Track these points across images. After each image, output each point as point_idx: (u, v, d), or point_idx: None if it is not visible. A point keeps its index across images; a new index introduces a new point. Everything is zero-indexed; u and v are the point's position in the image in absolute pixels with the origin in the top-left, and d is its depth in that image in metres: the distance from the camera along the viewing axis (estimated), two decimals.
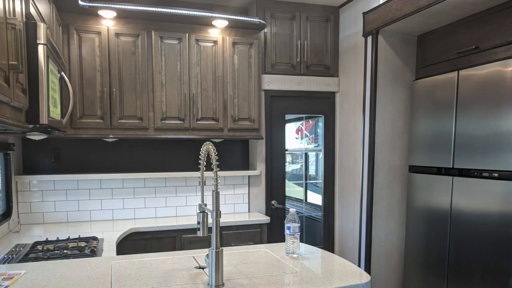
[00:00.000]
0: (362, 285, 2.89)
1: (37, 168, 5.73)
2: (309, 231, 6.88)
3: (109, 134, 5.40)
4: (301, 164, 6.96)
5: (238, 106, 5.91)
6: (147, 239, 5.37)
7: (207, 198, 6.01)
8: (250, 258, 3.51)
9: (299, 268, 3.21)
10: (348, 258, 6.22)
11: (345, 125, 6.42)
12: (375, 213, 5.74)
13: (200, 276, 3.02)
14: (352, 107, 6.22)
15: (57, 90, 3.74)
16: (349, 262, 3.42)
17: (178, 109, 5.65)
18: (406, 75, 5.76)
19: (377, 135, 5.68)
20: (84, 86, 5.27)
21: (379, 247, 5.80)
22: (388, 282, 5.89)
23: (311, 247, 3.92)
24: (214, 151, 2.76)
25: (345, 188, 6.45)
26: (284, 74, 6.35)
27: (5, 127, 2.81)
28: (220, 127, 5.83)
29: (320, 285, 2.82)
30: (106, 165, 5.99)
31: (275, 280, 2.92)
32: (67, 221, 5.74)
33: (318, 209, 6.84)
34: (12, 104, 2.67)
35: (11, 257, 3.77)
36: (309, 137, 6.91)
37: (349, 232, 6.32)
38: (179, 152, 6.30)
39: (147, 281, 2.90)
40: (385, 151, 5.74)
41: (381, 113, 5.68)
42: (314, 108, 6.67)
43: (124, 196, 5.97)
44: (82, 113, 5.27)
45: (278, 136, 6.51)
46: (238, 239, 5.74)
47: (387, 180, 5.79)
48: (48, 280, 2.95)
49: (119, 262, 3.42)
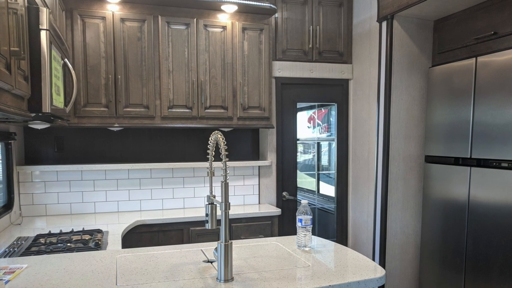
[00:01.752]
0: (377, 279, 2.88)
1: (39, 158, 5.74)
2: (321, 223, 6.87)
3: (114, 123, 5.39)
4: (313, 154, 6.94)
5: (248, 94, 5.89)
6: (154, 231, 5.38)
7: (216, 189, 6.02)
8: (260, 252, 3.51)
9: (311, 262, 3.20)
10: (362, 252, 6.22)
11: (359, 114, 6.41)
12: (390, 204, 5.72)
13: (208, 270, 3.01)
14: (366, 95, 6.20)
15: (60, 78, 3.74)
16: (363, 255, 3.41)
17: (185, 97, 5.64)
18: (422, 61, 5.73)
19: (392, 123, 5.66)
20: (88, 73, 5.27)
21: (394, 240, 5.78)
22: (403, 276, 5.88)
23: (324, 240, 3.90)
24: (223, 140, 2.74)
25: (358, 179, 6.44)
26: (296, 60, 6.33)
27: (6, 115, 2.80)
28: (229, 115, 5.82)
29: (333, 279, 2.81)
30: (111, 155, 5.99)
31: (286, 274, 2.91)
32: (70, 213, 5.75)
33: (331, 200, 6.83)
34: (14, 92, 2.67)
35: (13, 251, 3.77)
36: (322, 126, 6.89)
37: (363, 224, 6.31)
38: (186, 142, 6.29)
39: (153, 275, 2.90)
40: (400, 141, 5.72)
41: (396, 101, 5.65)
42: (326, 96, 6.64)
43: (129, 187, 5.97)
44: (86, 101, 5.27)
45: (289, 125, 6.50)
46: (248, 232, 5.74)
47: (403, 171, 5.77)
48: (51, 275, 2.95)
49: (125, 255, 3.42)
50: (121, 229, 4.76)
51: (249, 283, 2.72)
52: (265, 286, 2.67)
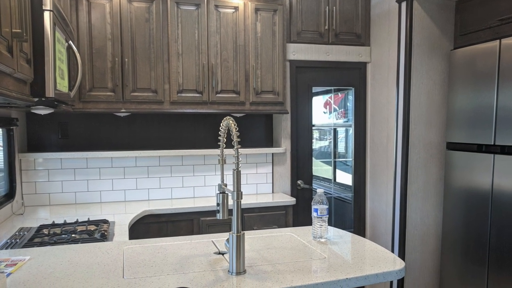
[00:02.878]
0: (396, 272, 2.88)
1: (42, 145, 5.74)
2: (338, 213, 6.86)
3: (121, 108, 5.39)
4: (330, 141, 6.92)
5: (261, 77, 5.87)
6: (162, 222, 5.38)
7: (228, 177, 6.01)
8: (274, 243, 3.51)
9: (327, 254, 3.20)
10: (380, 243, 6.20)
11: (377, 98, 6.38)
12: (410, 193, 5.70)
13: (219, 262, 3.01)
14: (385, 78, 6.16)
15: (65, 61, 3.73)
16: (381, 247, 3.40)
17: (195, 81, 5.62)
18: (444, 44, 5.70)
19: (412, 109, 5.63)
20: (94, 56, 5.26)
21: (414, 230, 5.77)
22: (423, 268, 5.87)
23: (340, 231, 3.90)
24: (235, 126, 2.73)
25: (377, 167, 6.42)
26: (311, 43, 6.29)
27: (8, 100, 2.80)
28: (242, 100, 5.81)
29: (350, 272, 2.80)
30: (118, 142, 6.00)
31: (301, 266, 2.91)
32: (75, 202, 5.77)
33: (347, 189, 6.82)
34: (16, 76, 2.66)
35: (15, 242, 3.78)
36: (338, 112, 6.87)
37: (381, 214, 6.29)
38: (197, 128, 6.29)
39: (162, 267, 2.90)
40: (421, 127, 5.69)
41: (416, 85, 5.62)
42: (343, 80, 6.61)
43: (137, 176, 5.98)
44: (92, 86, 5.27)
45: (304, 110, 6.48)
46: (261, 222, 5.74)
47: (423, 158, 5.74)
48: (55, 267, 2.96)
49: (132, 247, 3.43)
50: (128, 219, 4.77)
51: (262, 276, 2.72)
52: (279, 279, 2.67)
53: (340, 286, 2.69)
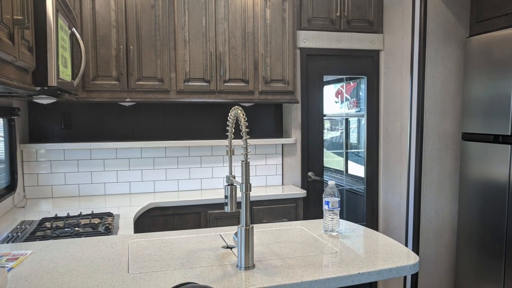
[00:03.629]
0: (410, 266, 2.87)
1: (45, 135, 5.74)
2: (350, 206, 6.86)
3: (126, 98, 5.39)
4: (341, 131, 6.91)
5: (271, 66, 5.86)
6: (169, 215, 5.39)
7: (236, 169, 6.01)
8: (284, 237, 3.50)
9: (339, 248, 3.19)
10: (393, 237, 6.19)
11: (390, 87, 6.35)
12: (424, 186, 5.69)
13: (228, 256, 3.01)
14: (399, 67, 6.14)
15: (68, 48, 3.73)
16: (394, 241, 3.40)
17: (203, 69, 5.61)
18: (459, 31, 5.66)
19: (426, 98, 5.61)
20: (98, 44, 5.26)
21: (429, 224, 5.75)
22: (438, 263, 5.85)
23: (352, 224, 3.90)
24: (243, 116, 2.72)
25: (390, 158, 6.40)
26: (322, 30, 6.26)
27: (9, 89, 2.80)
28: (250, 89, 5.79)
29: (363, 267, 2.79)
30: (123, 132, 5.99)
31: (312, 261, 2.90)
32: (78, 195, 5.78)
33: (360, 181, 6.81)
34: (17, 64, 2.66)
35: (16, 236, 3.78)
36: (350, 101, 6.86)
37: (394, 207, 6.28)
38: (204, 118, 6.28)
39: (168, 262, 2.89)
40: (436, 117, 5.67)
41: (430, 74, 5.60)
42: (355, 68, 6.59)
43: (142, 167, 5.98)
44: (96, 74, 5.26)
45: (315, 99, 6.46)
46: (270, 215, 5.74)
47: (438, 149, 5.72)
48: (57, 261, 2.96)
49: (137, 241, 3.43)
50: (133, 212, 4.77)
51: (272, 271, 2.71)
52: (289, 274, 2.66)
53: (352, 281, 2.69)
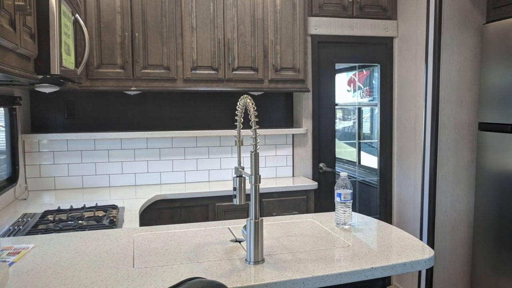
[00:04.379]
0: (425, 261, 2.86)
1: (47, 125, 5.75)
2: (362, 198, 6.86)
3: (131, 86, 5.38)
4: (354, 121, 6.89)
5: (281, 53, 5.84)
6: (175, 207, 5.39)
7: (245, 160, 6.00)
8: (294, 230, 3.50)
9: (351, 242, 3.19)
10: (408, 230, 6.18)
11: (404, 76, 6.33)
12: (439, 177, 5.67)
13: (236, 250, 3.01)
14: (413, 54, 6.11)
15: (71, 35, 3.73)
16: (409, 234, 3.39)
17: (211, 57, 5.60)
18: (476, 17, 5.63)
19: (441, 87, 5.59)
20: (102, 31, 5.25)
21: (444, 216, 5.74)
22: (454, 257, 5.84)
23: (365, 217, 3.89)
24: (252, 105, 2.71)
25: (404, 149, 6.39)
26: (334, 16, 6.24)
27: (11, 78, 2.80)
28: (260, 78, 5.78)
29: (376, 261, 2.79)
30: (128, 122, 5.99)
31: (324, 255, 2.90)
32: (82, 187, 5.78)
33: (373, 173, 6.81)
34: (19, 51, 2.65)
35: (18, 229, 3.78)
36: (363, 90, 6.84)
37: (409, 199, 6.27)
38: (212, 107, 6.27)
39: (175, 256, 2.89)
40: (451, 106, 5.65)
41: (446, 61, 5.58)
42: (368, 56, 6.58)
43: (148, 158, 5.98)
44: (100, 62, 5.26)
45: (326, 88, 6.44)
46: (280, 208, 5.73)
47: (453, 139, 5.70)
48: (60, 256, 2.96)
49: (143, 234, 3.43)
50: (138, 205, 4.77)
51: (282, 265, 2.71)
52: (299, 268, 2.66)
53: (365, 276, 2.68)
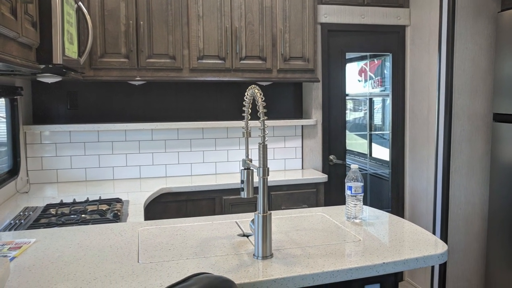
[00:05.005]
0: (438, 256, 2.84)
1: (49, 116, 5.75)
2: (374, 191, 6.86)
3: (136, 76, 5.37)
4: (365, 112, 6.89)
5: (290, 42, 5.82)
6: (181, 201, 5.39)
7: (253, 152, 6.00)
8: (303, 224, 3.49)
9: (362, 236, 3.18)
10: (420, 224, 6.17)
11: (417, 65, 6.31)
12: (453, 170, 5.66)
13: (244, 245, 3.00)
14: (426, 43, 6.09)
15: (74, 24, 3.72)
16: (421, 228, 3.38)
17: (218, 46, 5.58)
18: (490, 5, 5.61)
19: (455, 77, 5.57)
20: (106, 19, 5.24)
21: (458, 210, 5.73)
22: (468, 252, 5.82)
23: (377, 211, 3.88)
24: (260, 96, 2.70)
25: (417, 140, 6.37)
26: (345, 4, 6.22)
27: (12, 67, 2.80)
28: (268, 67, 5.76)
29: (388, 256, 2.77)
30: (132, 113, 5.99)
31: (334, 250, 2.89)
32: (85, 179, 5.79)
33: (385, 165, 6.80)
34: (20, 40, 2.65)
35: (19, 223, 3.78)
36: (374, 80, 6.83)
37: (421, 192, 6.26)
38: (219, 98, 6.27)
39: (181, 251, 2.89)
40: (465, 96, 5.63)
41: (460, 50, 5.56)
42: (380, 45, 6.56)
43: (153, 150, 5.98)
44: (104, 51, 5.25)
45: (337, 78, 6.43)
46: (289, 201, 5.73)
47: (467, 131, 5.68)
48: (63, 250, 2.95)
49: (148, 228, 3.42)
50: (143, 198, 4.78)
51: (291, 260, 2.70)
52: (309, 263, 2.65)
53: (377, 272, 2.67)
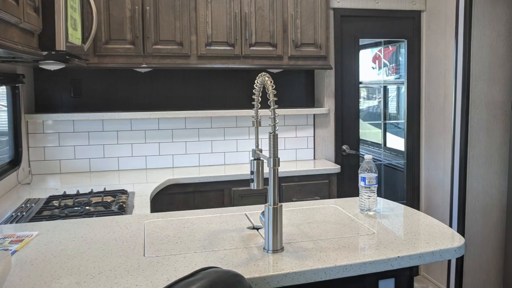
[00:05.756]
0: (455, 249, 2.83)
1: (52, 105, 5.75)
2: (388, 182, 6.85)
3: (142, 63, 5.37)
4: (379, 100, 6.88)
5: (301, 28, 5.80)
6: (189, 192, 5.38)
7: (263, 142, 5.99)
8: (315, 216, 3.48)
9: (377, 229, 3.17)
10: (436, 216, 6.15)
11: (433, 52, 6.29)
12: (470, 160, 5.64)
13: (254, 238, 3.00)
14: (442, 29, 6.07)
15: (78, 9, 3.71)
16: (438, 221, 3.37)
17: (226, 32, 5.57)
18: None
19: (472, 63, 5.54)
20: (111, 4, 5.22)
21: (475, 202, 5.70)
22: (486, 245, 5.80)
23: (391, 203, 3.87)
24: (271, 84, 2.70)
25: (433, 130, 6.35)
26: None
27: (13, 54, 2.79)
28: (279, 54, 5.75)
29: (403, 249, 2.76)
30: (138, 102, 5.98)
31: (347, 243, 2.88)
32: (89, 170, 5.79)
33: (399, 155, 6.79)
34: (22, 26, 2.64)
35: (21, 215, 3.78)
36: (389, 67, 6.81)
37: (438, 184, 6.24)
38: (228, 86, 6.26)
39: (188, 244, 2.88)
40: (483, 84, 5.60)
41: (477, 37, 5.53)
42: (394, 31, 6.54)
43: (160, 140, 5.97)
44: (108, 37, 5.24)
45: (350, 65, 6.41)
46: (301, 193, 5.72)
47: (485, 120, 5.66)
48: (66, 244, 2.95)
49: (154, 221, 3.42)
50: (149, 190, 4.77)
51: (303, 254, 2.69)
52: (321, 257, 2.64)
53: (391, 266, 2.66)
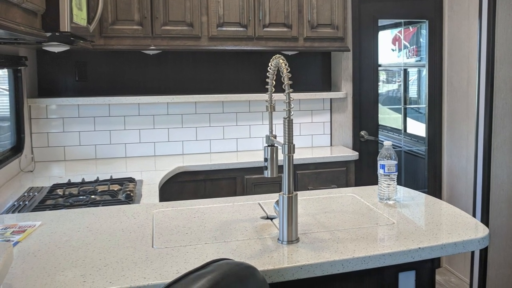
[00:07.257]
0: (478, 240, 2.82)
1: (56, 88, 5.76)
2: (409, 170, 6.84)
3: (150, 45, 5.37)
4: (399, 84, 6.86)
5: (317, 8, 5.78)
6: (199, 180, 5.39)
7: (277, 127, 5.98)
8: (332, 206, 3.48)
9: (396, 219, 3.16)
10: (459, 206, 6.11)
11: (455, 33, 6.26)
12: (495, 147, 5.61)
13: (267, 228, 3.00)
14: (465, 9, 6.04)
15: None
16: (460, 210, 3.36)
17: (239, 12, 5.56)
18: None
19: (497, 46, 5.52)
20: None
21: (500, 191, 5.69)
22: (511, 236, 5.79)
23: (412, 191, 3.87)
24: (286, 66, 2.69)
25: (455, 115, 6.33)
26: None
27: (15, 35, 2.79)
28: (294, 35, 5.73)
29: (424, 240, 2.76)
30: (146, 85, 5.99)
31: (365, 234, 2.88)
32: (95, 157, 5.80)
33: (420, 142, 6.77)
34: (24, 6, 2.64)
35: (23, 204, 3.79)
36: (409, 49, 6.80)
37: (460, 171, 6.23)
38: (240, 69, 6.25)
39: (199, 235, 2.88)
40: (508, 67, 5.57)
41: (502, 18, 5.49)
42: (415, 11, 6.51)
43: (169, 125, 5.98)
44: (115, 18, 5.23)
45: (368, 47, 6.39)
46: (317, 181, 5.72)
47: (510, 104, 5.63)
48: (71, 234, 2.96)
49: (163, 210, 3.43)
50: (158, 178, 4.79)
51: (319, 245, 2.69)
52: (338, 248, 2.64)
53: (412, 257, 2.66)
